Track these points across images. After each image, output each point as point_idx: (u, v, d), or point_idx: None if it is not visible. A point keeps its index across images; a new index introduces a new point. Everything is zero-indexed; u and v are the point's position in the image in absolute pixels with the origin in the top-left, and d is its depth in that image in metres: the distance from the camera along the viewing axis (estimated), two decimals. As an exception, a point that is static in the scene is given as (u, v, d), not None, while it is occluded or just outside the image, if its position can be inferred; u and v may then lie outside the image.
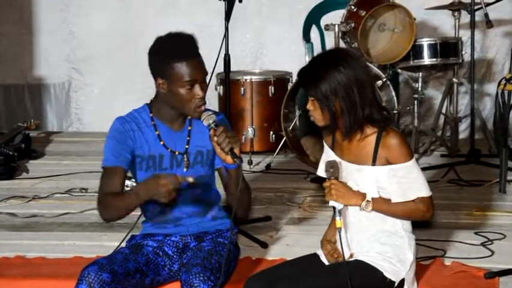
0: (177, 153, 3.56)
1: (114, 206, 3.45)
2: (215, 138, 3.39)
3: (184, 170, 3.56)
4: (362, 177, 3.34)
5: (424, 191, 3.34)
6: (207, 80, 3.57)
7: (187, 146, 3.57)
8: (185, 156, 3.56)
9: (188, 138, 3.57)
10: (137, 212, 3.67)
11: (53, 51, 7.51)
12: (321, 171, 3.51)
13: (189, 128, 3.58)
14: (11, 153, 5.90)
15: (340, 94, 3.27)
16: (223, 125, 3.43)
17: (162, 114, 3.55)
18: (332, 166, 3.34)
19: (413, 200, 3.34)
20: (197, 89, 3.44)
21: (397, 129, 3.42)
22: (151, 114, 3.56)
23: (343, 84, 3.26)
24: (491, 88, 6.88)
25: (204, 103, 3.47)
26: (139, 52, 7.19)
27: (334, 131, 3.39)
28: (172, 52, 3.44)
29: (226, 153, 3.38)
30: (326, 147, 3.51)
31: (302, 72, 3.37)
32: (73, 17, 7.45)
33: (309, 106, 3.35)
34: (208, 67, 4.67)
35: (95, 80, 7.50)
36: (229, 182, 3.52)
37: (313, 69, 3.32)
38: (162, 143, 3.54)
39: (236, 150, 3.37)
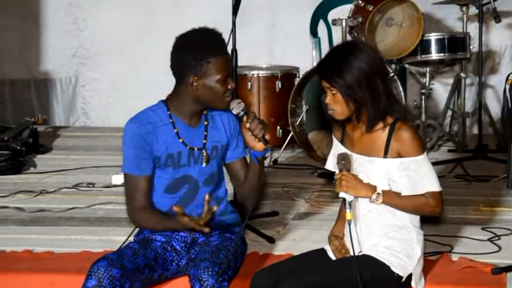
0: (196, 149, 3.56)
1: (153, 225, 3.54)
2: (247, 125, 3.41)
3: (204, 164, 3.56)
4: (373, 169, 3.34)
5: (435, 186, 3.34)
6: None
7: (205, 141, 3.57)
8: (204, 151, 3.57)
9: (205, 133, 3.58)
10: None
11: (60, 46, 7.51)
12: (330, 165, 3.51)
13: (206, 123, 3.59)
14: (18, 147, 5.91)
15: (364, 84, 3.26)
16: (252, 111, 3.46)
17: (181, 111, 3.53)
18: (343, 158, 3.34)
19: (423, 195, 3.34)
20: (230, 82, 3.48)
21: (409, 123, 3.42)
22: (168, 112, 3.54)
23: (366, 73, 3.26)
24: (495, 80, 6.88)
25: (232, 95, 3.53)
26: (147, 47, 7.27)
27: (354, 122, 3.37)
28: (207, 47, 3.44)
29: (259, 139, 3.41)
30: (335, 141, 3.50)
31: (322, 65, 3.35)
32: (81, 11, 7.44)
33: (328, 99, 3.32)
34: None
35: (102, 75, 7.50)
36: (251, 171, 3.54)
37: (335, 61, 3.30)
38: (181, 140, 3.54)
39: (267, 136, 3.42)
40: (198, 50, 3.43)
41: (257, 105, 6.22)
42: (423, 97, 6.18)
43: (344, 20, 5.85)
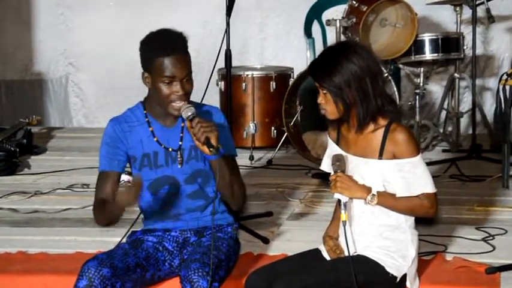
0: (170, 149, 3.55)
1: (101, 217, 3.51)
2: (191, 130, 3.39)
3: (179, 166, 3.56)
4: (368, 170, 3.34)
5: (429, 187, 3.34)
6: (203, 76, 3.57)
7: (180, 143, 3.56)
8: (179, 152, 3.56)
9: (181, 134, 3.56)
10: (138, 208, 3.68)
11: (50, 47, 7.49)
12: (325, 166, 3.51)
13: (182, 124, 3.57)
14: (12, 149, 5.90)
15: (354, 85, 3.26)
16: (201, 117, 3.41)
17: (154, 111, 3.55)
18: (338, 159, 3.34)
19: (417, 196, 3.34)
20: (176, 86, 3.42)
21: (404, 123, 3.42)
22: (145, 111, 3.56)
23: (357, 75, 3.26)
24: (492, 83, 6.89)
25: (184, 101, 3.43)
26: (138, 48, 7.23)
27: (347, 123, 3.38)
28: (156, 46, 3.45)
29: (203, 143, 3.36)
30: (330, 142, 3.50)
31: (313, 65, 3.36)
32: (70, 12, 7.42)
33: (320, 100, 3.34)
34: (211, 62, 4.69)
35: (93, 76, 7.49)
36: (216, 172, 3.48)
37: (325, 62, 3.31)
38: (155, 139, 3.54)
39: (213, 140, 3.34)
40: (148, 48, 3.47)
41: (251, 105, 6.22)
42: (417, 97, 6.19)
43: (338, 21, 5.85)
